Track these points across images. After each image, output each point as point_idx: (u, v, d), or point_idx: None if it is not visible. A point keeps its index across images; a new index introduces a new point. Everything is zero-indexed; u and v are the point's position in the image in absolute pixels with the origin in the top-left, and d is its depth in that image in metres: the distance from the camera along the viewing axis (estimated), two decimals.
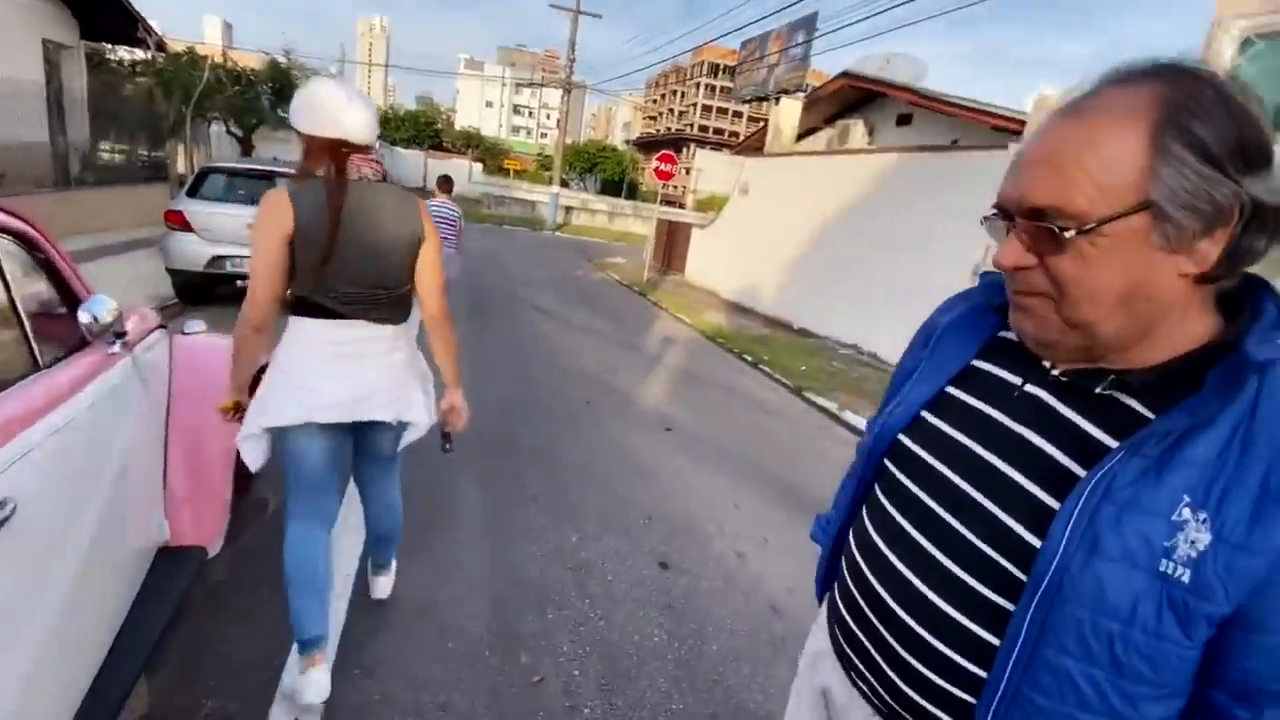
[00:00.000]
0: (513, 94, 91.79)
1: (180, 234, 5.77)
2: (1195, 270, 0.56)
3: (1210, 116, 0.53)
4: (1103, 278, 0.57)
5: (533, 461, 3.56)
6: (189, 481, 2.03)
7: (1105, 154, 0.55)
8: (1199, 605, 0.54)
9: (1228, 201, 0.53)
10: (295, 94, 1.75)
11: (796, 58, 29.48)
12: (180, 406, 2.09)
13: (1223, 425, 0.55)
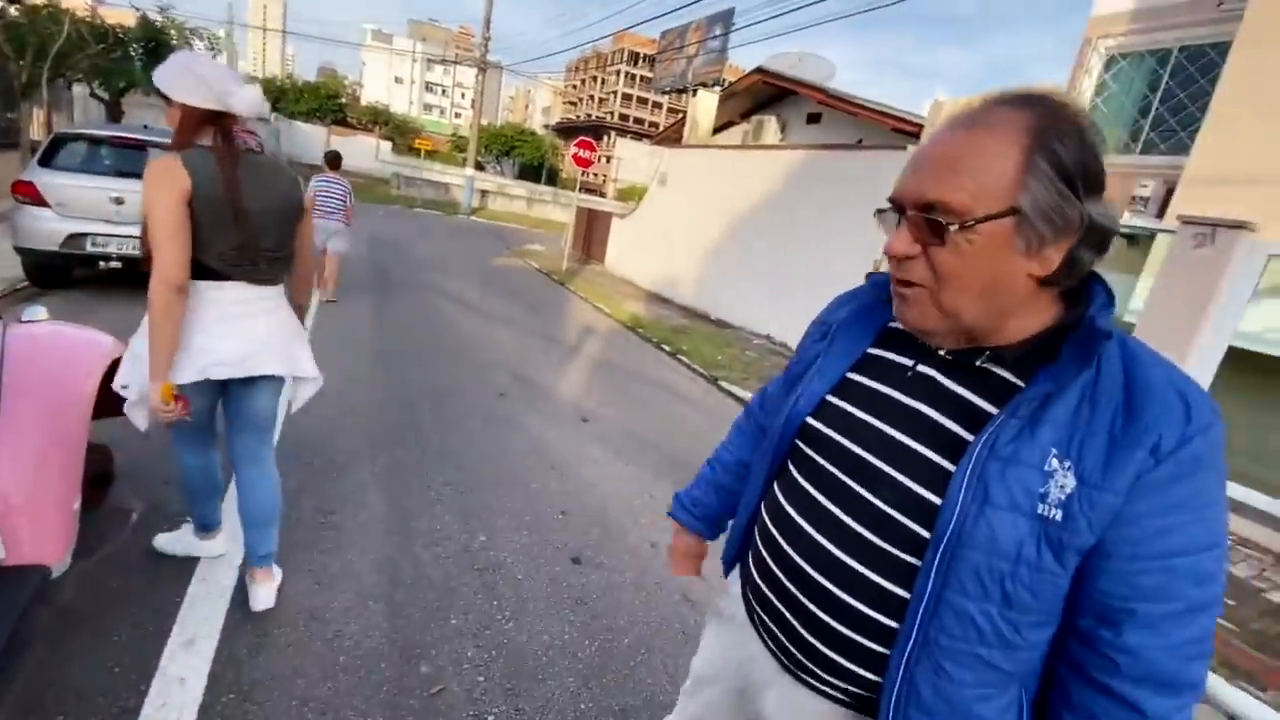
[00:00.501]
0: (424, 71, 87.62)
1: (31, 208, 5.06)
2: (1041, 272, 0.67)
3: (1070, 145, 0.64)
4: (971, 270, 0.67)
5: (440, 459, 3.40)
6: (27, 490, 1.76)
7: (987, 163, 0.65)
8: (1069, 539, 0.64)
9: (1074, 217, 0.64)
10: (168, 62, 1.77)
11: (714, 51, 29.97)
12: (15, 404, 1.80)
13: (1076, 388, 0.66)
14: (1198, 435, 0.63)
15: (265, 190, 1.83)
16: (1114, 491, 0.63)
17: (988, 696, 0.71)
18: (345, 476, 3.01)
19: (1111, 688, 0.66)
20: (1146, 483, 0.63)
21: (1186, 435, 0.63)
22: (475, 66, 24.52)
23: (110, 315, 4.97)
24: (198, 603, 2.06)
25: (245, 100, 1.76)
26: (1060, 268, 0.67)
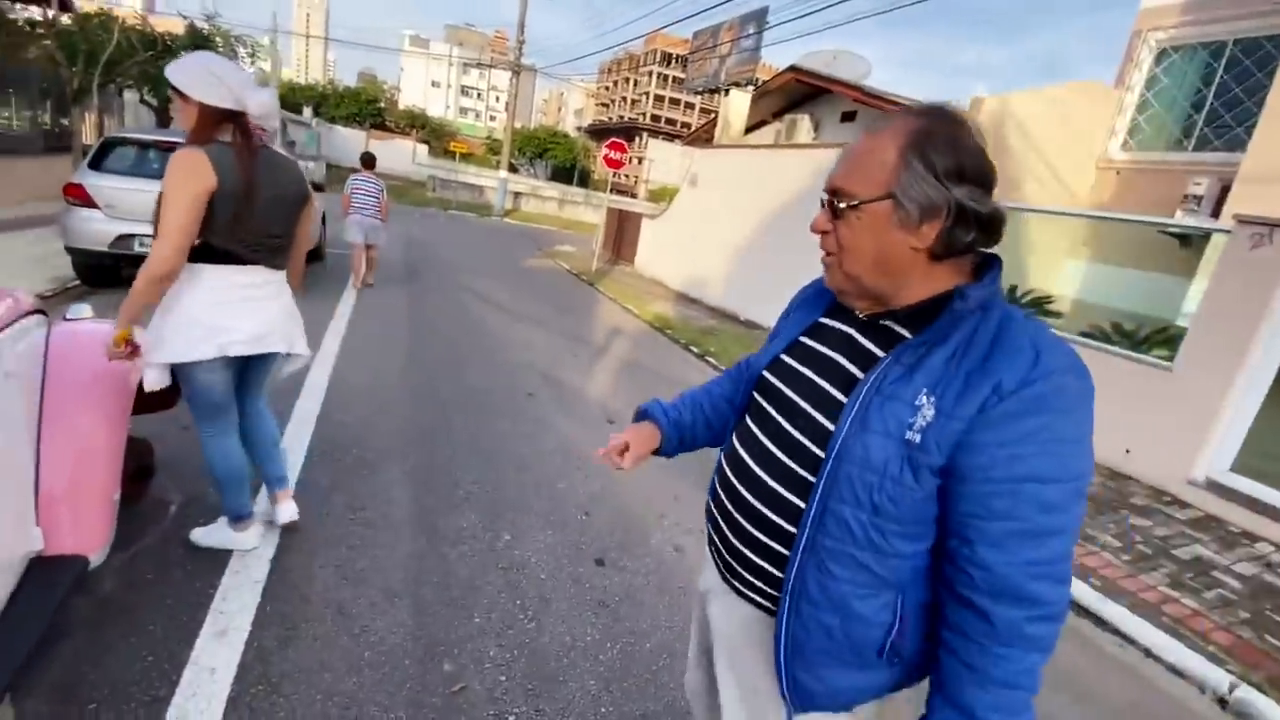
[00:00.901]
0: (460, 75, 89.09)
1: (81, 210, 5.28)
2: (920, 245, 0.82)
3: (938, 145, 0.80)
4: (861, 241, 0.85)
5: (468, 457, 3.43)
6: (67, 482, 1.82)
7: (875, 158, 0.83)
8: (922, 459, 0.79)
9: (939, 201, 0.79)
10: (184, 62, 1.90)
11: (747, 50, 29.77)
12: (56, 399, 1.87)
13: (952, 342, 0.81)
14: (1040, 379, 0.75)
15: (277, 181, 2.03)
16: (960, 420, 0.77)
17: (862, 595, 0.86)
18: (376, 474, 3.05)
19: (968, 598, 0.79)
20: (992, 416, 0.76)
21: (1029, 378, 0.76)
22: (509, 70, 24.82)
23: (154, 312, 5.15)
24: (230, 594, 2.10)
25: (260, 102, 1.93)
26: (937, 242, 0.82)
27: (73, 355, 1.98)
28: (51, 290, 5.26)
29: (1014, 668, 0.78)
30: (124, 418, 2.02)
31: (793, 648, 0.90)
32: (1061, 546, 0.77)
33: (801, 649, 0.90)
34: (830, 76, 10.14)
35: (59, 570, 1.73)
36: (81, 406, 1.92)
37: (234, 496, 2.26)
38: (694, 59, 30.78)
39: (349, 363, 4.63)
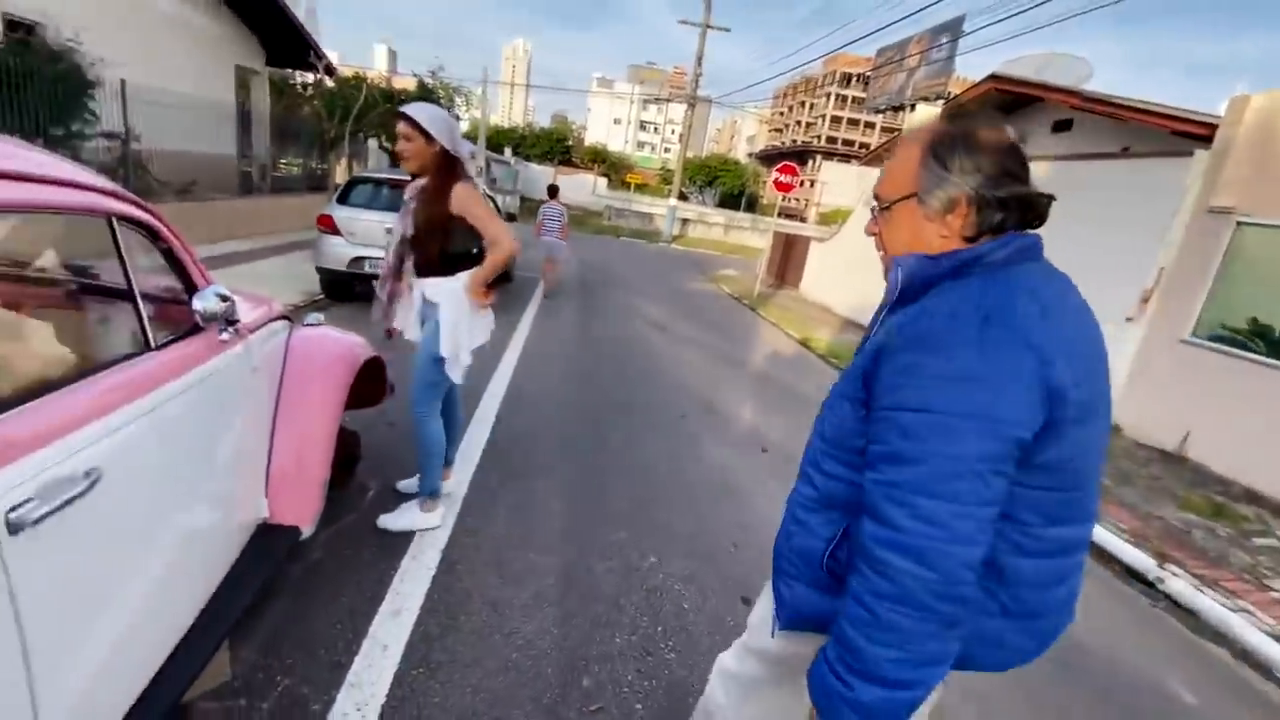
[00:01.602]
0: (640, 110, 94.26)
1: (329, 236, 6.37)
2: (947, 233, 0.93)
3: (952, 145, 0.91)
4: (896, 236, 0.98)
5: (620, 473, 3.48)
6: (291, 463, 2.14)
7: (902, 165, 0.96)
8: (843, 389, 0.99)
9: (956, 193, 0.90)
10: (428, 107, 2.36)
11: (938, 62, 27.54)
12: (290, 391, 2.22)
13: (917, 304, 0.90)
14: (920, 319, 0.85)
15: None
16: (867, 356, 0.91)
17: (808, 508, 1.01)
18: (537, 480, 3.22)
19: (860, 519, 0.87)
20: (885, 354, 0.86)
21: (913, 320, 0.85)
22: (685, 102, 25.69)
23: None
24: (407, 576, 2.31)
25: (469, 151, 2.50)
26: (966, 227, 0.91)
27: (307, 355, 2.34)
28: (302, 301, 6.38)
29: (860, 585, 0.83)
30: (339, 411, 2.33)
31: (774, 557, 1.08)
32: (917, 475, 0.79)
33: (777, 557, 1.06)
34: (1042, 83, 9.01)
35: (278, 537, 2.03)
36: (308, 399, 2.25)
37: (435, 473, 2.62)
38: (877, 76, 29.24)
39: (525, 371, 5.00)
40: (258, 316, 2.11)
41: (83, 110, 6.58)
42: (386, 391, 2.95)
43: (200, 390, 1.58)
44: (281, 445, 2.13)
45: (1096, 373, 0.88)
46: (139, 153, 7.52)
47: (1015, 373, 0.77)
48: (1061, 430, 0.80)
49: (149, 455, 1.35)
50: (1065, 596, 0.95)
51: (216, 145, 9.14)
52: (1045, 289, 0.86)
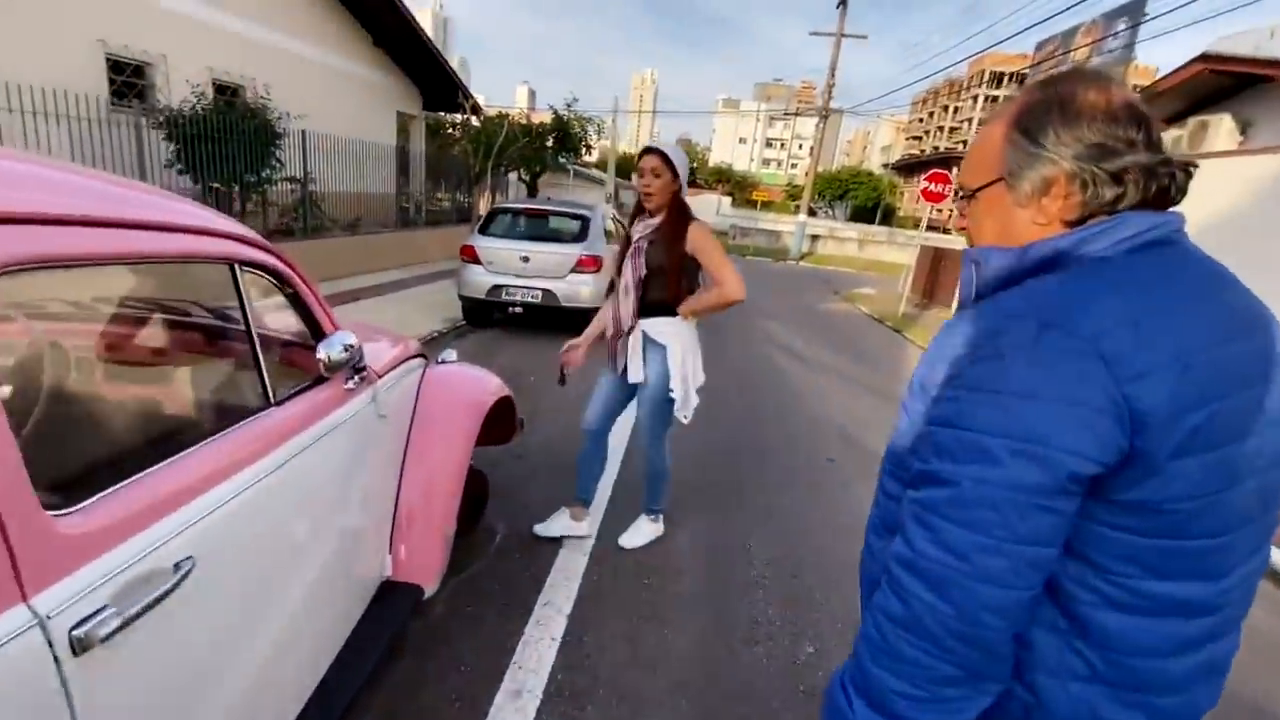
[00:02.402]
0: (765, 128, 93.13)
1: (470, 265, 6.61)
2: (1043, 219, 0.77)
3: (1041, 115, 0.75)
4: (981, 225, 0.85)
5: (763, 530, 3.08)
6: (418, 515, 2.00)
7: (985, 147, 0.82)
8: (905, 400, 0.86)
9: (1050, 171, 0.75)
10: (679, 150, 2.36)
11: (1113, 50, 24.51)
12: (419, 437, 2.09)
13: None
14: (976, 324, 0.73)
15: None
16: (923, 364, 0.82)
17: (875, 533, 0.89)
18: (666, 535, 2.91)
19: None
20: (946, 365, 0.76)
21: (974, 326, 0.74)
22: (818, 114, 24.76)
23: (513, 349, 6.12)
24: (529, 647, 2.09)
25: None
26: (1070, 210, 0.75)
27: (436, 399, 2.22)
28: (444, 327, 6.66)
29: (878, 601, 0.75)
30: (467, 457, 2.18)
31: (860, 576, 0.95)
32: (943, 496, 0.69)
33: (861, 581, 0.93)
34: (1275, 59, 7.41)
35: (400, 598, 1.89)
36: (437, 446, 2.12)
37: (664, 493, 2.79)
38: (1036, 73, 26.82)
39: None
40: (391, 358, 2.01)
41: (270, 158, 7.42)
42: (517, 429, 2.80)
43: (322, 447, 1.45)
44: (408, 496, 2.00)
45: (1247, 390, 0.68)
46: (314, 193, 8.37)
47: (1075, 390, 0.64)
48: (1157, 463, 0.64)
49: (254, 532, 1.20)
50: (1197, 672, 0.74)
51: (379, 184, 10.03)
52: (1163, 283, 0.70)
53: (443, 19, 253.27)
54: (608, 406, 2.64)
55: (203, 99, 6.91)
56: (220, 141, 6.70)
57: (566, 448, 3.70)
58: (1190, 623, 0.72)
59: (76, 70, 6.65)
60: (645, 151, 2.36)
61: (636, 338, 2.44)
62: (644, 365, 2.45)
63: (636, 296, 2.40)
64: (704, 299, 2.40)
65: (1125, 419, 0.63)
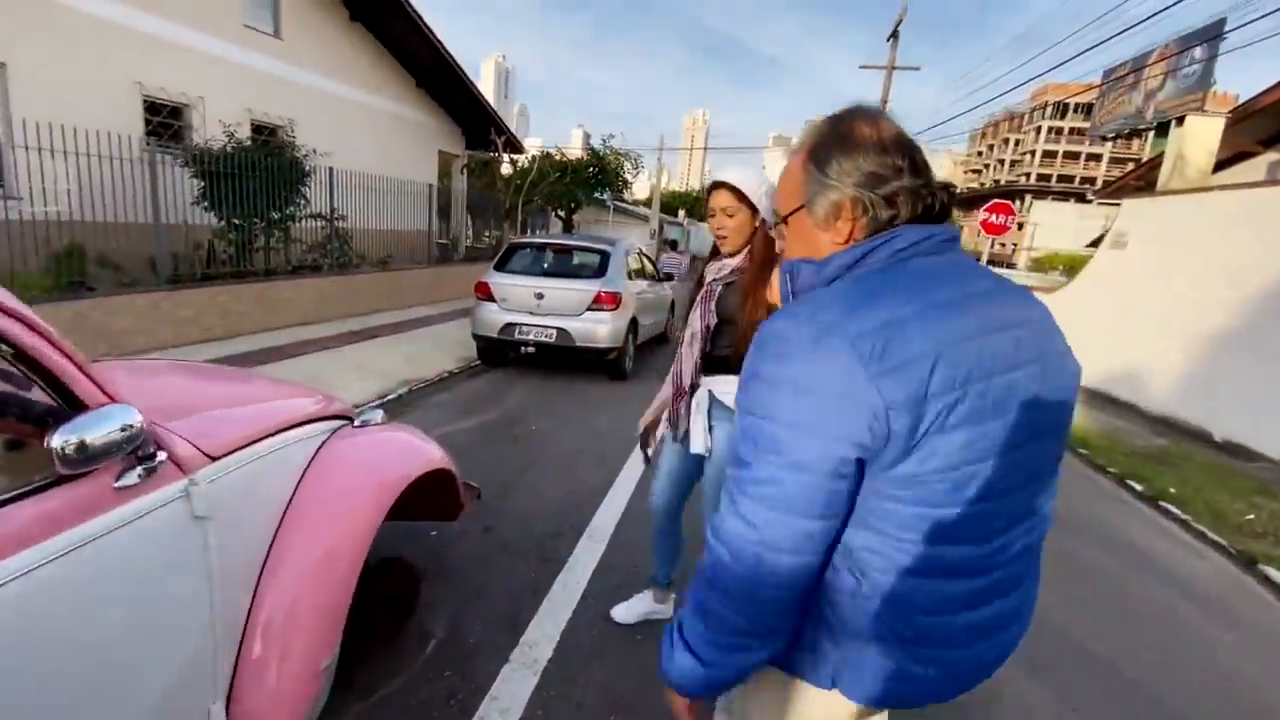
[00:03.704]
0: None
1: (485, 303, 6.26)
2: (839, 239, 0.88)
3: (828, 149, 0.87)
4: (794, 245, 0.96)
5: None
6: (275, 644, 1.48)
7: (790, 175, 0.93)
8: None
9: (839, 197, 0.86)
10: (764, 181, 1.88)
11: (1190, 76, 23.10)
12: (293, 531, 1.60)
13: None
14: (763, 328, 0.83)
15: None
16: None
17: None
18: (648, 644, 2.31)
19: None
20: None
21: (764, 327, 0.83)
22: None
23: (521, 391, 5.68)
24: None
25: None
26: (858, 230, 0.87)
27: (333, 474, 1.74)
28: (458, 368, 6.30)
29: (699, 562, 0.86)
30: (361, 555, 1.68)
31: None
32: (745, 477, 0.79)
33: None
34: None
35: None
36: (319, 541, 1.62)
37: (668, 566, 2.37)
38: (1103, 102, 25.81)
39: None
40: (255, 429, 1.54)
41: (295, 195, 7.39)
42: (463, 508, 2.30)
43: (46, 578, 0.97)
44: (264, 617, 1.50)
45: (1010, 373, 0.80)
46: (342, 230, 8.32)
47: (840, 385, 0.74)
48: (915, 442, 0.75)
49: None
50: (981, 628, 0.87)
51: (413, 221, 10.00)
52: (929, 287, 0.80)
53: (505, 69, 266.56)
54: (675, 480, 2.19)
55: (233, 138, 6.94)
56: (244, 179, 6.67)
57: (550, 519, 3.16)
58: (963, 582, 0.83)
59: (111, 110, 6.81)
60: (713, 187, 1.92)
61: (701, 399, 1.98)
62: (708, 432, 1.96)
63: (702, 348, 1.96)
64: None
65: (881, 409, 0.73)
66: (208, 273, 6.68)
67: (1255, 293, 6.29)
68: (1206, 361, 6.71)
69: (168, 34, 7.64)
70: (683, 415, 2.02)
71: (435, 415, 4.80)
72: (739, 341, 1.88)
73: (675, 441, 2.10)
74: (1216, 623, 2.93)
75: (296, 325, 7.34)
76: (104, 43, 6.96)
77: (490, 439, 4.33)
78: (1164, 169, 8.67)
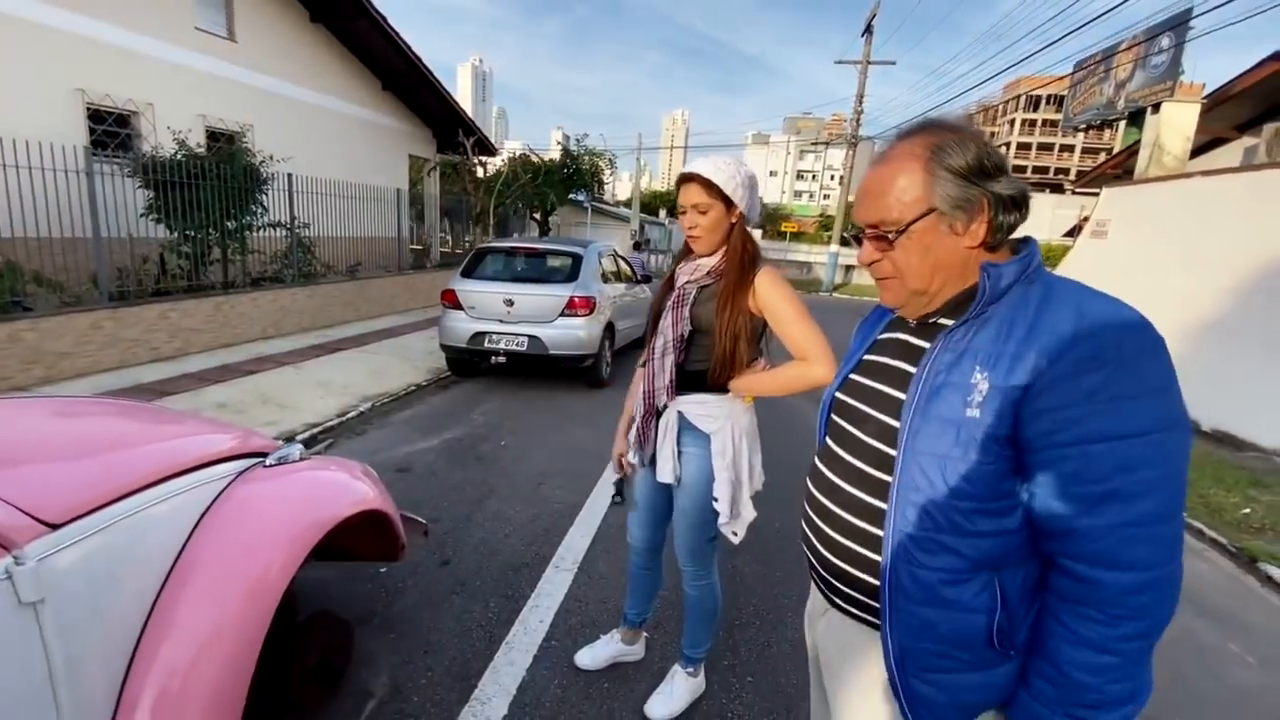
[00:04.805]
0: (796, 161, 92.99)
1: (453, 311, 5.98)
2: (973, 244, 0.89)
3: (956, 151, 0.86)
4: (915, 259, 0.90)
5: (757, 676, 2.21)
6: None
7: (902, 183, 0.89)
8: (988, 430, 0.81)
9: (977, 198, 0.86)
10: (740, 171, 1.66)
11: (1158, 66, 23.54)
12: (178, 594, 1.35)
13: (996, 319, 0.85)
14: (1089, 336, 0.76)
15: None
16: (1015, 389, 0.79)
17: (955, 581, 0.84)
18: (627, 687, 2.07)
19: (1062, 564, 0.79)
20: (1047, 380, 0.77)
21: (1078, 337, 0.76)
22: (847, 144, 24.05)
23: (493, 403, 5.40)
24: None
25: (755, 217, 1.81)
26: (989, 234, 0.88)
27: (232, 524, 1.49)
28: (427, 380, 6.02)
29: (1109, 632, 0.76)
30: (267, 614, 1.42)
31: (901, 653, 0.89)
32: (1153, 507, 0.74)
33: (910, 652, 0.88)
34: None
35: None
36: (213, 603, 1.37)
37: (712, 634, 2.00)
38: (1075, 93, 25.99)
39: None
40: (104, 488, 1.27)
41: (252, 203, 7.05)
42: (403, 547, 2.05)
43: None
44: (139, 706, 1.24)
45: None
46: (305, 239, 7.98)
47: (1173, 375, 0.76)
48: None
49: None
50: None
51: (383, 228, 9.68)
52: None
53: (482, 73, 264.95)
54: (653, 513, 1.92)
55: (184, 145, 6.60)
56: (195, 187, 6.33)
57: (515, 548, 2.92)
58: None
59: (51, 120, 6.43)
60: (682, 181, 1.67)
61: (670, 421, 1.74)
62: (677, 459, 1.73)
63: (675, 361, 1.70)
64: (774, 377, 1.67)
65: None
66: (159, 288, 6.33)
67: (1232, 282, 6.21)
68: (1193, 349, 6.62)
69: (113, 39, 7.26)
70: (652, 438, 1.79)
71: (397, 434, 4.52)
72: (717, 355, 1.66)
73: (643, 465, 1.86)
74: (1219, 620, 2.76)
75: (256, 340, 7.00)
76: (41, 49, 6.57)
77: (455, 459, 4.06)
78: (1141, 156, 8.62)
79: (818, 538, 1.02)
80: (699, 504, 1.73)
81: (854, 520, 0.94)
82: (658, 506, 1.91)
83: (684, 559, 1.84)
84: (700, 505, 1.73)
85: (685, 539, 1.80)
